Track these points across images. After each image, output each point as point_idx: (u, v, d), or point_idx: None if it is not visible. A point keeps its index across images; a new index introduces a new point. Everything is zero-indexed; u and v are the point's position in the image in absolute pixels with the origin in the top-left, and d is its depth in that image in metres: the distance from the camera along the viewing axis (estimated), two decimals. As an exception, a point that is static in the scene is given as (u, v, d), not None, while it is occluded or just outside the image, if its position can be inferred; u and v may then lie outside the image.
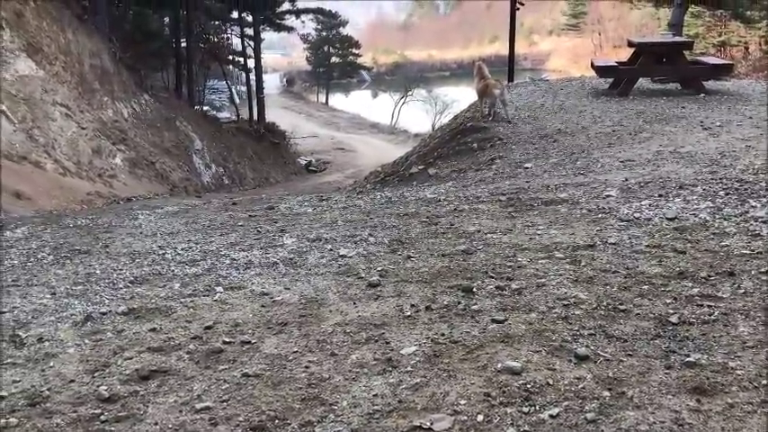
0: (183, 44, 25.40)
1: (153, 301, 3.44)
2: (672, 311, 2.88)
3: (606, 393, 2.25)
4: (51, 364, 2.71)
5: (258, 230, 4.97)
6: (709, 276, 3.27)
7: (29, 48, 11.31)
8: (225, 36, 31.28)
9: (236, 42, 31.57)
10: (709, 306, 2.92)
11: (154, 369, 2.63)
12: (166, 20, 27.19)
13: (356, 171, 23.61)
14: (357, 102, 55.83)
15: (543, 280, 3.36)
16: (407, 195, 6.15)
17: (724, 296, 3.02)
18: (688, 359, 2.45)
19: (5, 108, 9.83)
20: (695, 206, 4.50)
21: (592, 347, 2.59)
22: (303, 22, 37.50)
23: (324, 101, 54.61)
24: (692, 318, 2.81)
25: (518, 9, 17.98)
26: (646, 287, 3.18)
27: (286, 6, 31.23)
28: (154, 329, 3.04)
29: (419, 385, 2.39)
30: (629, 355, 2.52)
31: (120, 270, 4.04)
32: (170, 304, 3.37)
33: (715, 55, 28.59)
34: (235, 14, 29.65)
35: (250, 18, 29.42)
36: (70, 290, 3.69)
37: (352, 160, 30.56)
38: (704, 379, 2.32)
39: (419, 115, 43.22)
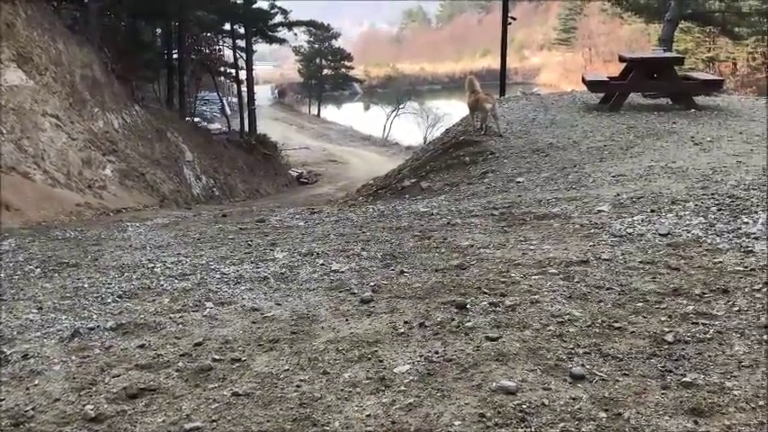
0: (175, 55, 25.38)
1: (142, 316, 3.39)
2: (667, 329, 2.85)
3: (603, 414, 2.22)
4: (36, 382, 2.66)
5: (249, 244, 4.93)
6: (704, 294, 3.25)
7: (19, 58, 11.22)
8: (217, 47, 31.28)
9: (228, 54, 31.60)
10: (704, 324, 2.90)
11: (142, 387, 2.57)
12: (158, 31, 27.18)
13: (348, 183, 23.58)
14: (349, 114, 55.93)
15: (537, 296, 3.33)
16: (400, 209, 6.13)
17: (719, 314, 3.00)
18: (684, 379, 2.43)
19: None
20: (688, 222, 4.49)
21: (587, 366, 2.55)
22: (295, 34, 37.62)
23: (315, 113, 54.67)
24: (688, 336, 2.79)
25: (510, 24, 18.04)
26: (640, 304, 3.16)
27: (278, 19, 31.27)
28: (142, 346, 2.99)
29: (413, 405, 2.35)
30: (625, 374, 2.49)
31: (109, 284, 3.98)
32: (159, 320, 3.32)
33: (704, 70, 28.84)
34: (227, 26, 29.67)
35: (242, 30, 29.43)
36: (57, 304, 3.63)
37: (344, 172, 30.55)
38: (701, 400, 2.29)
39: (411, 128, 43.30)
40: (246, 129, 29.36)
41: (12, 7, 11.59)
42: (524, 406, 2.29)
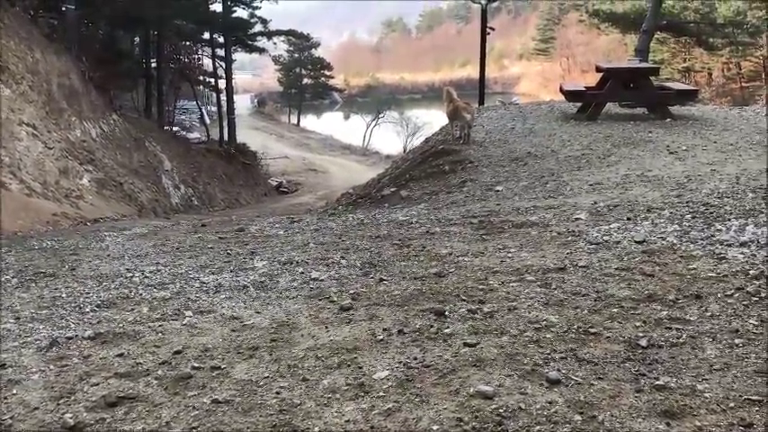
0: (154, 64, 25.24)
1: (120, 325, 3.38)
2: (641, 334, 2.91)
3: (578, 417, 2.26)
4: (14, 392, 2.64)
5: (228, 253, 4.93)
6: (677, 299, 3.31)
7: (-5, 67, 11.14)
8: (196, 56, 31.15)
9: (207, 63, 31.48)
10: (677, 329, 2.96)
11: (121, 395, 2.57)
12: (137, 40, 27.03)
13: (328, 192, 23.56)
14: (329, 123, 55.97)
15: (514, 303, 3.38)
16: (379, 217, 6.16)
17: (691, 319, 3.06)
18: (657, 382, 2.47)
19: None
20: (663, 229, 4.57)
21: (563, 371, 2.59)
22: (275, 43, 37.57)
23: (295, 122, 54.62)
24: (661, 341, 2.84)
25: (489, 34, 18.21)
26: (615, 310, 3.21)
27: (258, 28, 31.23)
28: (121, 354, 2.98)
29: (391, 411, 2.37)
30: (600, 378, 2.53)
31: (87, 294, 3.96)
32: (138, 329, 3.31)
33: (680, 81, 29.28)
34: (206, 35, 29.57)
35: (221, 39, 29.35)
36: (35, 314, 3.61)
37: (324, 182, 30.53)
38: (673, 402, 2.34)
39: (391, 137, 43.43)
40: (226, 138, 29.19)
41: (-12, 16, 11.49)
42: (501, 410, 2.32)
